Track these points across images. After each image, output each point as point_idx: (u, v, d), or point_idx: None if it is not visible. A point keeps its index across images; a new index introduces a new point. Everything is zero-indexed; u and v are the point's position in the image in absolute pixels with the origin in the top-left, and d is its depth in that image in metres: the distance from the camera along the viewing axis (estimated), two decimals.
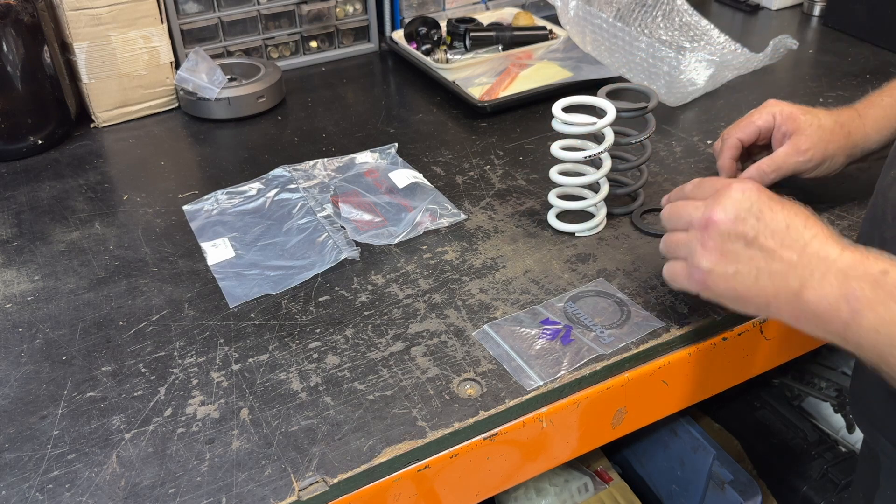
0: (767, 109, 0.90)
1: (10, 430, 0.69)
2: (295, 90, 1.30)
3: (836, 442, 1.18)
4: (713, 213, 0.66)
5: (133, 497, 0.63)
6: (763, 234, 0.64)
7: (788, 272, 0.62)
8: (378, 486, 0.66)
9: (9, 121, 1.10)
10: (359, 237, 0.92)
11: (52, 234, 0.96)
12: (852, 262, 0.60)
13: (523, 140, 1.12)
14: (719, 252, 0.65)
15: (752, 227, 0.64)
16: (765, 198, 0.65)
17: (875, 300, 0.57)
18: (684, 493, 1.09)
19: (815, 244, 0.62)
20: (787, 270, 0.62)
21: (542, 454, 0.74)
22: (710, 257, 0.66)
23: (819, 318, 0.61)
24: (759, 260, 0.64)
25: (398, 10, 1.40)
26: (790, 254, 0.62)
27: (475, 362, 0.74)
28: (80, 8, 1.11)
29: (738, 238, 0.64)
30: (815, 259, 0.61)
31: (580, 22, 1.18)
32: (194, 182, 1.06)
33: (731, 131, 0.91)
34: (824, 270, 0.60)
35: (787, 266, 0.62)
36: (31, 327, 0.81)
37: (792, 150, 0.87)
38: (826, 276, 0.60)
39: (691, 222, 0.68)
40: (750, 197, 0.65)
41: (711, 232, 0.66)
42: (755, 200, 0.65)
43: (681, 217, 0.70)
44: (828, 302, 0.60)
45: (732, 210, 0.65)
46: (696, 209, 0.68)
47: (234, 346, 0.77)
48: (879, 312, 0.57)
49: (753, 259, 0.64)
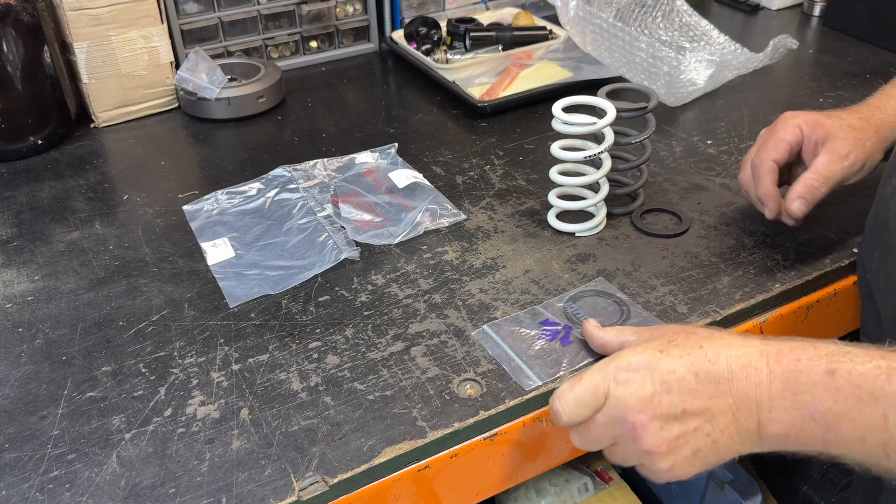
0: (790, 123, 0.83)
1: (10, 430, 0.69)
2: (295, 90, 1.30)
3: None
4: (633, 420, 0.58)
5: (133, 497, 0.63)
6: (684, 400, 0.57)
7: (736, 420, 0.56)
8: (378, 486, 0.66)
9: (9, 121, 1.10)
10: (359, 237, 0.92)
11: (52, 234, 0.96)
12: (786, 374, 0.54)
13: (523, 140, 1.12)
14: (667, 448, 0.58)
15: (670, 405, 0.57)
16: (651, 362, 0.58)
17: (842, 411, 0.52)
18: (684, 493, 1.09)
19: (737, 372, 0.56)
20: (734, 420, 0.56)
21: (542, 454, 0.74)
22: (663, 458, 0.59)
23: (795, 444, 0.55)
24: (703, 425, 0.57)
25: (398, 10, 1.40)
26: (722, 400, 0.56)
27: (475, 362, 0.74)
28: (80, 8, 1.11)
29: (669, 421, 0.58)
30: (749, 390, 0.55)
31: (580, 22, 1.18)
32: (194, 182, 1.06)
33: (760, 156, 0.83)
34: (767, 399, 0.55)
35: (730, 414, 0.56)
36: (31, 327, 0.81)
37: (834, 158, 0.79)
38: (773, 403, 0.55)
39: (615, 438, 0.61)
40: (642, 377, 0.58)
41: (645, 435, 0.58)
42: (648, 375, 0.58)
43: (601, 439, 0.62)
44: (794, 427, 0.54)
45: (638, 403, 0.58)
46: (608, 425, 0.61)
47: (234, 346, 0.77)
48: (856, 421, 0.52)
49: (698, 429, 0.57)
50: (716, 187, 0.99)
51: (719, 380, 0.56)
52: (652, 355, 0.59)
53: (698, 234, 0.91)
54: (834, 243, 0.88)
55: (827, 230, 0.90)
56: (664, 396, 0.57)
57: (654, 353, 0.59)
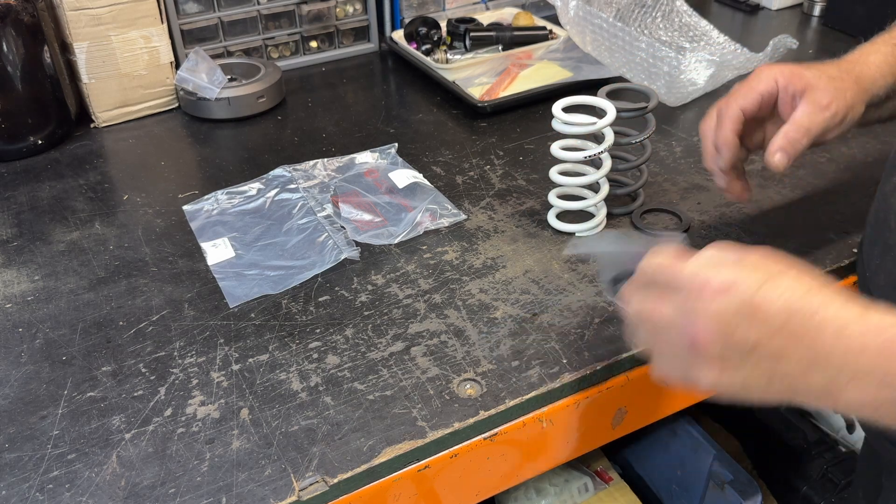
0: (765, 73, 0.78)
1: (10, 430, 0.69)
2: (295, 90, 1.30)
3: (836, 442, 1.18)
4: (694, 333, 0.54)
5: (133, 497, 0.63)
6: (764, 336, 0.52)
7: (806, 373, 0.52)
8: (378, 486, 0.66)
9: (9, 121, 1.10)
10: (359, 237, 0.92)
11: (52, 234, 0.96)
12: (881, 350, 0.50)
13: (523, 140, 1.12)
14: (719, 368, 0.54)
15: (746, 336, 0.52)
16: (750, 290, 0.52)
17: None
18: (684, 493, 1.09)
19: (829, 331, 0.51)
20: (804, 372, 0.52)
21: (542, 454, 0.74)
22: (710, 373, 0.55)
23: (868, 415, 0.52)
24: (767, 364, 0.53)
25: (398, 10, 1.40)
26: (801, 352, 0.52)
27: (475, 362, 0.74)
28: (80, 8, 1.11)
29: (734, 349, 0.53)
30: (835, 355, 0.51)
31: (580, 22, 1.18)
32: (194, 182, 1.06)
33: (728, 102, 0.78)
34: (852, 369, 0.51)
35: (803, 367, 0.52)
36: (31, 327, 0.81)
37: (814, 108, 0.74)
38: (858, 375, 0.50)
39: (671, 342, 0.56)
40: (733, 298, 0.52)
41: (702, 350, 0.54)
42: (741, 300, 0.52)
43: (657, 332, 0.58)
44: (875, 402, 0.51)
45: (717, 325, 0.53)
46: (672, 327, 0.56)
47: (234, 346, 0.77)
48: None
49: (759, 365, 0.53)
50: (716, 187, 0.99)
51: (809, 332, 0.52)
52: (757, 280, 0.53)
53: (698, 234, 0.91)
54: (834, 243, 0.88)
55: (827, 230, 0.90)
56: (743, 323, 0.52)
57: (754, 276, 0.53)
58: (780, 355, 0.52)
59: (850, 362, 0.51)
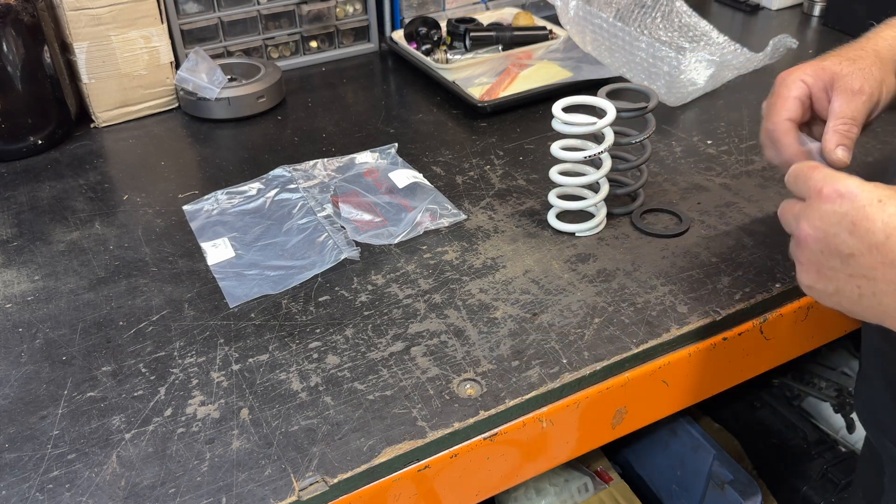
0: (791, 78, 0.77)
1: (10, 430, 0.69)
2: (295, 90, 1.30)
3: (836, 442, 1.18)
4: (802, 227, 0.58)
5: (133, 497, 0.63)
6: (859, 250, 0.55)
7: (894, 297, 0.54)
8: (378, 486, 0.66)
9: (9, 121, 1.10)
10: (359, 237, 0.92)
11: (52, 234, 0.96)
12: None
13: (523, 140, 1.12)
14: (816, 270, 0.59)
15: (844, 244, 0.55)
16: (861, 202, 0.55)
17: None
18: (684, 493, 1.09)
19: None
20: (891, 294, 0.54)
21: (542, 454, 0.74)
22: (807, 275, 0.60)
23: None
24: (860, 279, 0.56)
25: (398, 10, 1.40)
26: (892, 275, 0.53)
27: (475, 362, 0.74)
28: (80, 8, 1.11)
29: (832, 255, 0.57)
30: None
31: (580, 22, 1.18)
32: (194, 182, 1.06)
33: (773, 122, 0.77)
34: None
35: (892, 290, 0.54)
36: (31, 327, 0.81)
37: (849, 96, 0.74)
38: None
39: (790, 228, 0.62)
40: (842, 206, 0.56)
41: (804, 248, 0.59)
42: (849, 209, 0.55)
43: (786, 218, 0.63)
44: None
45: (821, 225, 0.57)
46: (793, 216, 0.61)
47: (234, 346, 0.77)
48: None
49: (853, 278, 0.56)
50: (716, 187, 0.99)
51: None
52: (868, 197, 0.55)
53: (698, 234, 0.91)
54: None
55: None
56: (844, 234, 0.56)
57: (873, 196, 0.55)
58: (873, 274, 0.54)
59: None
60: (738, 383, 0.87)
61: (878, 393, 0.72)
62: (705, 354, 0.79)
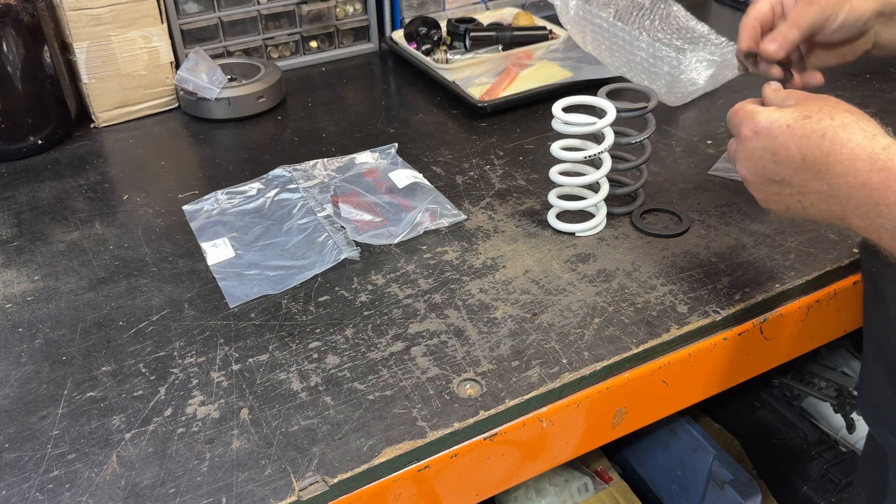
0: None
1: (10, 430, 0.69)
2: (295, 90, 1.30)
3: (836, 442, 1.18)
4: (739, 168, 0.68)
5: (133, 497, 0.63)
6: (787, 174, 0.64)
7: (826, 202, 0.63)
8: (378, 486, 0.66)
9: (9, 121, 1.10)
10: (359, 237, 0.92)
11: (52, 234, 0.96)
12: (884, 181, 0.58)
13: (523, 140, 1.12)
14: (765, 197, 0.68)
15: (774, 173, 0.65)
16: (773, 134, 0.65)
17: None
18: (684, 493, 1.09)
19: (837, 168, 0.61)
20: (824, 201, 0.63)
21: (542, 454, 0.74)
22: (762, 201, 0.69)
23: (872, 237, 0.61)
24: (798, 196, 0.65)
25: (398, 10, 1.40)
26: (819, 184, 0.62)
27: (475, 362, 0.74)
28: (80, 8, 1.11)
29: (770, 183, 0.66)
30: (844, 188, 0.61)
31: (580, 21, 1.18)
32: (194, 182, 1.06)
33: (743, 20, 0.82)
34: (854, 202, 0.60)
35: (822, 197, 0.63)
36: (31, 327, 0.81)
37: (804, 4, 0.79)
38: (859, 205, 0.60)
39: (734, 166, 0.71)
40: (759, 142, 0.66)
41: (748, 183, 0.69)
42: (766, 143, 0.65)
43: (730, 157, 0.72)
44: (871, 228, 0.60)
45: (749, 163, 0.67)
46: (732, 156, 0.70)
47: (234, 346, 0.77)
48: None
49: (793, 196, 0.65)
50: (716, 187, 0.99)
51: (822, 169, 0.62)
52: (779, 126, 0.65)
53: (698, 234, 0.91)
54: (834, 243, 0.88)
55: (827, 230, 0.90)
56: (769, 164, 0.66)
57: (782, 124, 0.65)
58: (804, 189, 0.64)
59: (853, 196, 0.60)
60: (738, 383, 0.87)
61: (881, 387, 0.72)
62: (705, 354, 0.79)
